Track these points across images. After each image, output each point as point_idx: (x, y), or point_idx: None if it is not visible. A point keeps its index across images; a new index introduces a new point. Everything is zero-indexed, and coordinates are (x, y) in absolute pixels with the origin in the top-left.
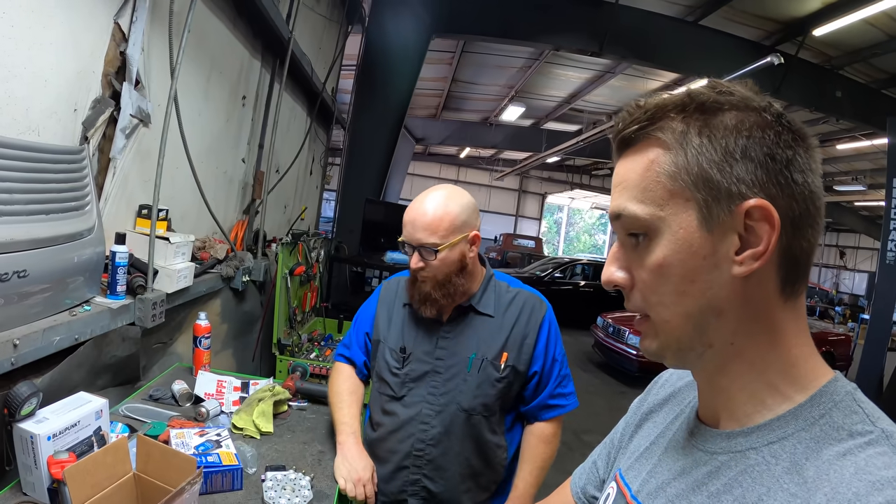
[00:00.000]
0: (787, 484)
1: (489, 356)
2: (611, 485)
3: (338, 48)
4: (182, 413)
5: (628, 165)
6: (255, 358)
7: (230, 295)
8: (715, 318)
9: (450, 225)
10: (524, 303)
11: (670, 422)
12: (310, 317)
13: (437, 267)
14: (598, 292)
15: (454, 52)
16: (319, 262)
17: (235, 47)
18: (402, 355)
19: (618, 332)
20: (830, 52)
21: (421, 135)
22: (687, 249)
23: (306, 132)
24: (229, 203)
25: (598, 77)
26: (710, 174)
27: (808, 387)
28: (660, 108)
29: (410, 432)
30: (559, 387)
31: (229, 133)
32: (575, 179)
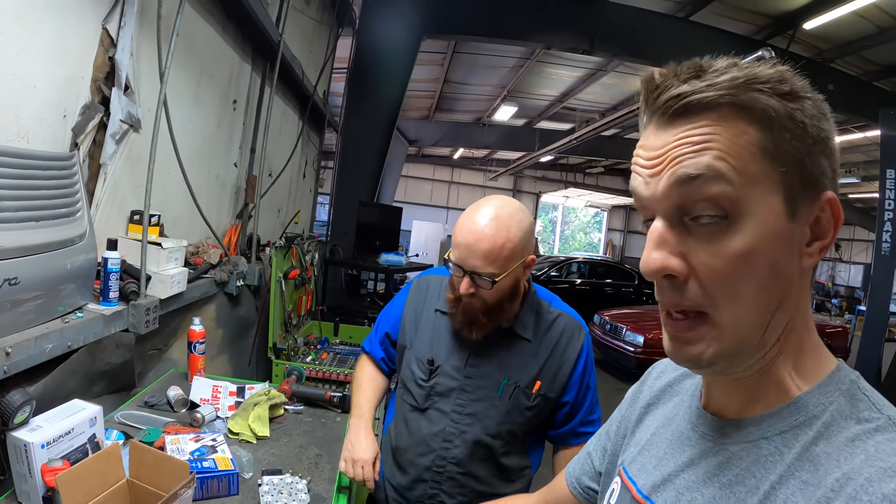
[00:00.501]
0: (798, 472)
1: (522, 383)
2: (615, 480)
3: (328, 51)
4: (177, 419)
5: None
6: (252, 362)
7: (225, 300)
8: (780, 313)
9: (510, 254)
10: (564, 328)
11: (670, 411)
12: (305, 320)
13: (489, 295)
14: (594, 290)
15: (445, 53)
16: (314, 265)
17: (225, 51)
18: (429, 367)
19: (615, 329)
20: (821, 46)
21: (414, 136)
22: (775, 236)
23: (298, 135)
24: (222, 208)
25: (590, 75)
26: (804, 161)
27: (815, 375)
28: (752, 78)
29: (432, 447)
30: (589, 414)
31: (221, 137)
32: (569, 178)
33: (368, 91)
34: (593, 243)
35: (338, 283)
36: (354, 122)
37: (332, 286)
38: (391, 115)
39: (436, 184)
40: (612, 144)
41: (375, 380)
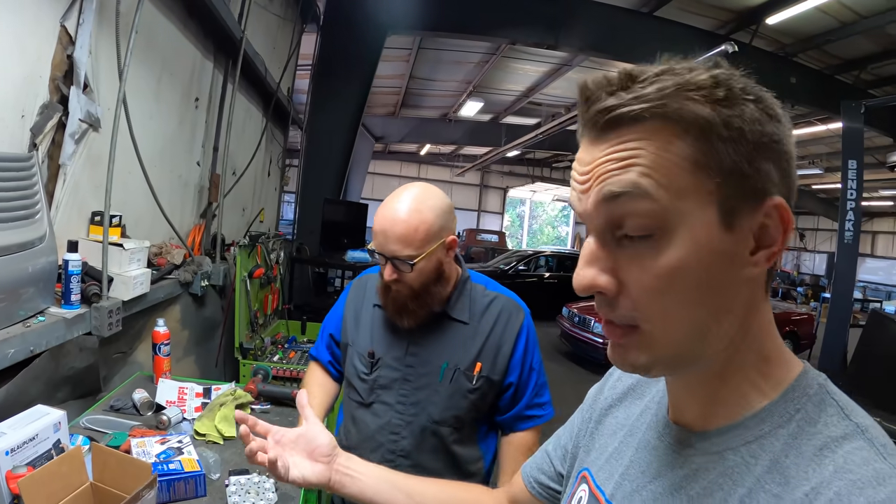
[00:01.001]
0: (768, 484)
1: (462, 366)
2: (582, 487)
3: (292, 47)
4: (143, 422)
5: (633, 143)
6: (219, 363)
7: (189, 300)
8: (717, 325)
9: (426, 234)
10: (501, 309)
11: (636, 418)
12: (272, 320)
13: (413, 279)
14: (562, 283)
15: (411, 49)
16: (280, 263)
17: (186, 48)
18: (370, 360)
19: (583, 321)
20: (784, 40)
21: (380, 133)
22: (708, 250)
23: (262, 133)
24: (185, 207)
25: (555, 70)
26: (742, 169)
27: (781, 381)
28: (681, 86)
29: (380, 442)
30: (536, 396)
31: (182, 136)
32: (536, 172)
33: (333, 88)
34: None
35: (305, 281)
36: (319, 119)
37: (300, 285)
38: (356, 111)
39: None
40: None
41: (324, 385)
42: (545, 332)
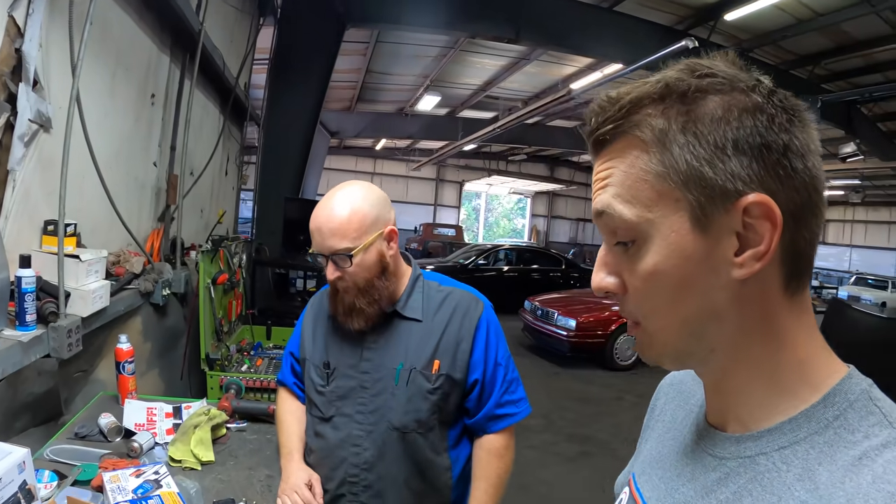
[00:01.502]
0: (798, 492)
1: (418, 365)
2: (625, 490)
3: (250, 41)
4: (113, 450)
5: (608, 164)
6: (184, 376)
7: (151, 311)
8: (715, 324)
9: (360, 224)
10: (457, 303)
11: (680, 421)
12: (236, 326)
13: (355, 273)
14: (523, 277)
15: (368, 43)
16: (242, 267)
17: (142, 41)
18: (325, 371)
19: (546, 314)
20: (741, 36)
21: (336, 128)
22: (680, 254)
23: (220, 131)
24: (142, 211)
25: (513, 64)
26: (702, 172)
27: (820, 386)
28: (634, 103)
29: (342, 457)
30: (507, 393)
31: (139, 135)
32: (492, 166)
33: (291, 82)
34: (517, 229)
35: (265, 283)
36: (277, 115)
37: (260, 287)
38: (315, 106)
39: (358, 175)
40: (534, 132)
41: (295, 412)
42: (507, 325)
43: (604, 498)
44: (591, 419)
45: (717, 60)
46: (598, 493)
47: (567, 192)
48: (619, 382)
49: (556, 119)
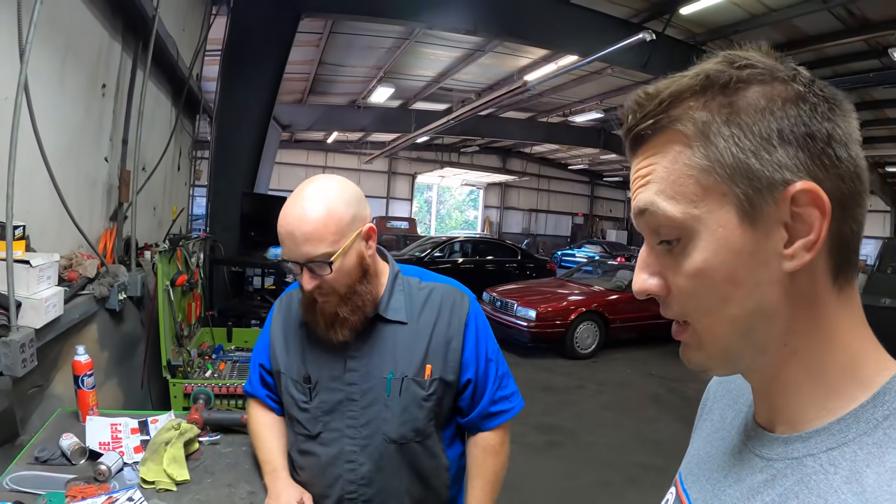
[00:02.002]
0: (844, 495)
1: (410, 373)
2: (671, 491)
3: (203, 30)
4: (78, 473)
5: (650, 160)
6: (144, 384)
7: (107, 317)
8: (766, 321)
9: (337, 226)
10: (442, 299)
11: (729, 422)
12: (196, 329)
13: (335, 280)
14: (478, 268)
15: (322, 34)
16: (200, 266)
17: (93, 26)
18: (307, 386)
19: (506, 305)
20: (695, 30)
21: (287, 121)
22: (729, 249)
23: (173, 124)
24: (94, 210)
25: (468, 55)
26: (749, 164)
27: (870, 384)
28: (675, 96)
29: (337, 474)
30: (500, 389)
31: (89, 128)
32: (444, 158)
33: (244, 74)
34: (469, 221)
35: (221, 282)
36: (230, 107)
37: (216, 287)
38: (268, 99)
39: (310, 169)
40: (488, 123)
41: (271, 425)
42: None
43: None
44: (555, 408)
45: (752, 52)
46: (569, 481)
47: (519, 184)
48: (580, 371)
49: (509, 110)
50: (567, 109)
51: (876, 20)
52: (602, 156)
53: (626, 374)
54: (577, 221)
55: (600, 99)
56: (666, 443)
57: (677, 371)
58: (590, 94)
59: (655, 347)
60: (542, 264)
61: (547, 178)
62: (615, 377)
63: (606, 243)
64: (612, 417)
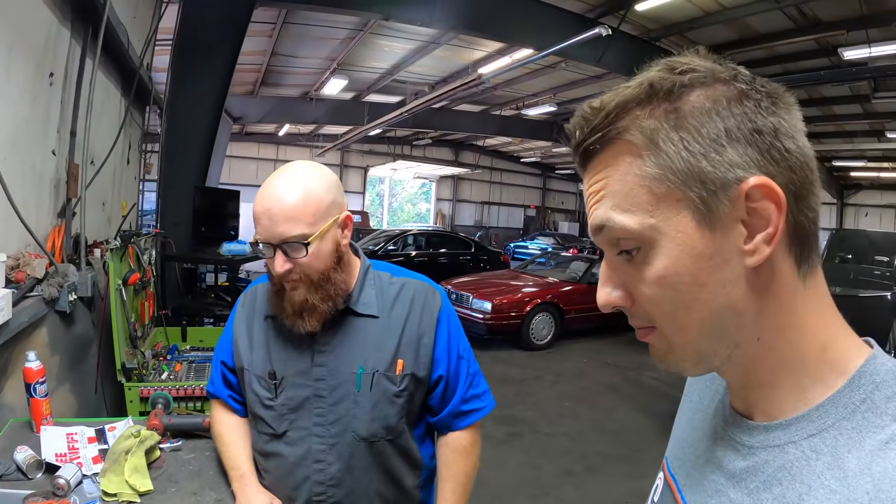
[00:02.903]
0: (828, 480)
1: (381, 367)
2: (660, 475)
3: (154, 18)
4: (36, 488)
5: (601, 174)
6: (98, 389)
7: (57, 320)
8: (734, 318)
9: (317, 208)
10: (414, 294)
11: (707, 403)
12: (150, 329)
13: (309, 265)
14: (432, 261)
15: (275, 24)
16: (152, 264)
17: (40, 11)
18: (272, 382)
19: (461, 298)
20: (650, 26)
21: (239, 113)
22: (689, 253)
23: (123, 115)
24: (41, 206)
25: (422, 48)
26: (700, 167)
27: (845, 369)
28: (621, 107)
29: (304, 475)
30: (471, 387)
31: (36, 119)
32: (397, 150)
33: (196, 64)
34: (422, 214)
35: (173, 280)
36: (181, 99)
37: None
38: (220, 90)
39: (261, 163)
40: (441, 116)
41: (236, 428)
42: None
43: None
44: (513, 400)
45: (691, 56)
46: (532, 471)
47: (472, 176)
48: (537, 362)
49: (462, 103)
50: (520, 102)
51: (827, 20)
52: (554, 148)
53: (582, 365)
54: (530, 213)
55: (554, 92)
56: (624, 432)
57: (632, 360)
58: (543, 87)
59: (610, 337)
60: (496, 256)
61: (499, 170)
62: (572, 367)
63: (559, 235)
64: (570, 408)
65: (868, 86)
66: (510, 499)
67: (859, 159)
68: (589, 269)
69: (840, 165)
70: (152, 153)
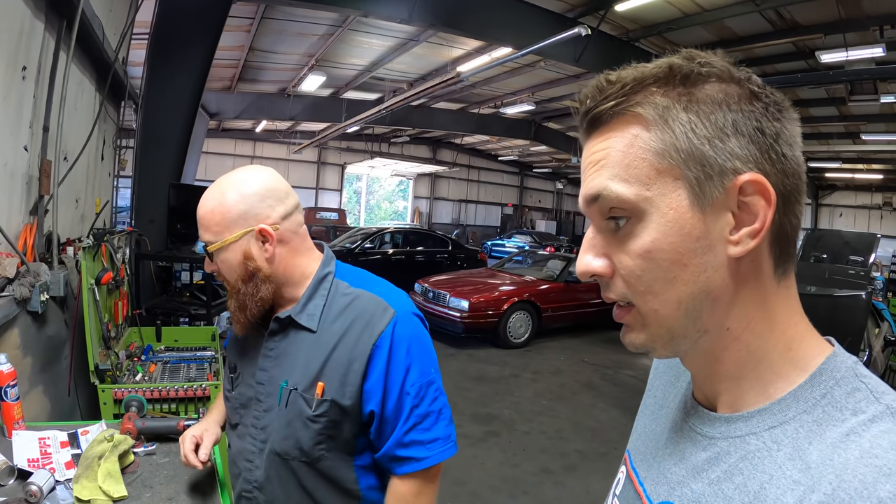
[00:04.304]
0: (789, 471)
1: (300, 386)
2: (622, 469)
3: (130, 11)
4: (7, 495)
5: (605, 143)
6: (71, 391)
7: (29, 320)
8: (709, 303)
9: (222, 218)
10: (360, 311)
11: (671, 399)
12: (124, 329)
13: (221, 271)
14: (409, 259)
15: (253, 19)
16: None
17: (13, 3)
18: (231, 375)
19: (438, 296)
20: (629, 26)
21: (215, 109)
22: (678, 231)
23: (97, 111)
24: (13, 203)
25: (401, 45)
26: (703, 150)
27: (807, 366)
28: (638, 81)
29: (238, 470)
30: (414, 430)
31: (8, 114)
32: (374, 148)
33: (172, 59)
34: (399, 212)
35: (147, 278)
36: (157, 94)
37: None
38: (197, 85)
39: (237, 159)
40: (419, 114)
41: None
42: None
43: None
44: (491, 398)
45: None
46: (511, 470)
47: (449, 174)
48: (514, 360)
49: (441, 101)
50: (499, 101)
51: (805, 24)
52: (532, 147)
53: (559, 363)
54: (507, 212)
55: (532, 91)
56: (602, 429)
57: (609, 358)
58: (522, 86)
59: (587, 335)
60: (473, 254)
61: (477, 168)
62: (549, 365)
63: (536, 233)
64: (547, 405)
65: (844, 88)
66: (489, 497)
67: (834, 160)
68: (566, 268)
69: (815, 167)
70: (127, 149)
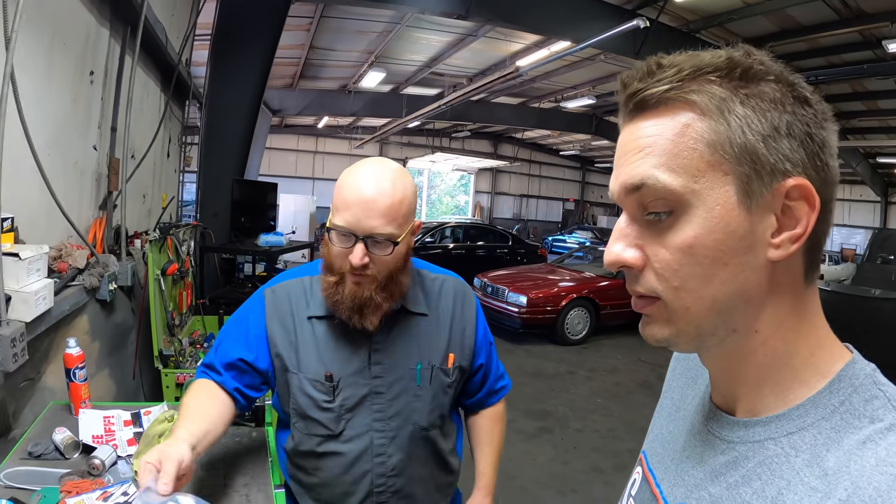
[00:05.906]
0: (807, 477)
1: (437, 362)
2: (637, 469)
3: (192, 14)
4: (72, 468)
5: (652, 129)
6: (136, 375)
7: (98, 308)
8: (742, 304)
9: (408, 210)
10: (454, 291)
11: (689, 401)
12: (187, 318)
13: (387, 263)
14: (469, 254)
15: (312, 18)
16: (191, 255)
17: (80, 13)
18: (329, 385)
19: (497, 291)
20: (689, 17)
21: (277, 106)
22: (723, 228)
23: (162, 111)
24: (83, 199)
25: (459, 40)
26: (756, 147)
27: (827, 372)
28: (697, 68)
29: (364, 469)
30: (497, 367)
31: (77, 116)
32: (435, 143)
33: (234, 59)
34: (460, 206)
35: (211, 269)
36: (220, 93)
37: (206, 274)
38: (259, 84)
39: (300, 154)
40: (479, 109)
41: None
42: None
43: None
44: (546, 395)
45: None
46: (562, 467)
47: (510, 169)
48: (571, 357)
49: (500, 96)
50: (559, 95)
51: (870, 11)
52: (594, 142)
53: (616, 361)
54: (568, 207)
55: (592, 85)
56: None
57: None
58: (582, 79)
59: None
60: (533, 250)
61: (538, 163)
62: (605, 363)
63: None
64: (602, 404)
65: None
66: (538, 493)
67: None
68: None
69: (885, 162)
70: (192, 146)
